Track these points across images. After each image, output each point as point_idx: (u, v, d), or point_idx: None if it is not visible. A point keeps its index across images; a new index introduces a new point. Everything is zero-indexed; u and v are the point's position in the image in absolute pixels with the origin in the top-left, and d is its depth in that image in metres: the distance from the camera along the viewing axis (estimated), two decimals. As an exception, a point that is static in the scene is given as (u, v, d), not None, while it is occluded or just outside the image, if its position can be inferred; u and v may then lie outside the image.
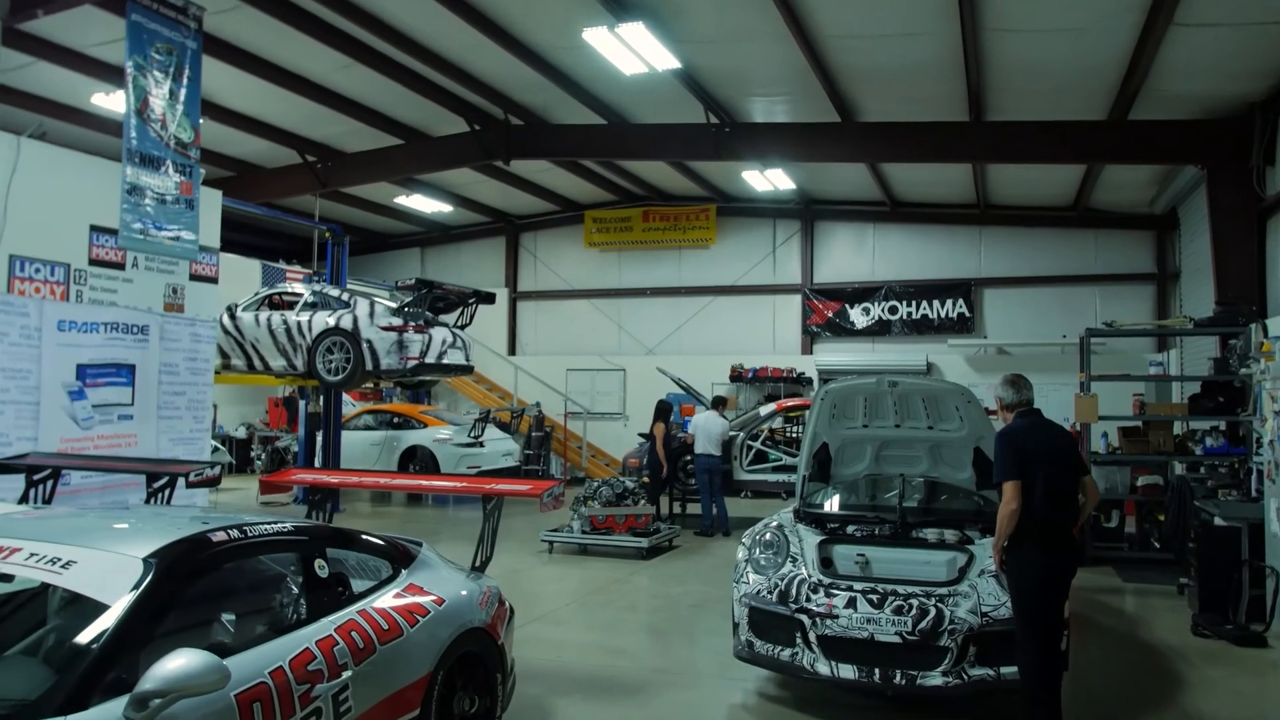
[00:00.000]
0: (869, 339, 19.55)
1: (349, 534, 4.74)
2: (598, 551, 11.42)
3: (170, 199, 8.66)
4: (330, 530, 4.59)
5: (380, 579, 4.60)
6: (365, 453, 16.49)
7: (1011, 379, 5.41)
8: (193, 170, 8.89)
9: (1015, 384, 5.39)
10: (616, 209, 21.08)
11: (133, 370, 10.44)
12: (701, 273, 20.81)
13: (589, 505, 11.53)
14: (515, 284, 22.51)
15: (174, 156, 8.63)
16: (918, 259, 19.32)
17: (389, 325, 12.21)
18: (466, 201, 20.27)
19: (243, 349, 12.94)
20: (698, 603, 8.89)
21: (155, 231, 8.52)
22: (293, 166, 16.36)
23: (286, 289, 13.31)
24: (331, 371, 12.33)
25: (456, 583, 5.05)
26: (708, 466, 12.92)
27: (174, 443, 11.18)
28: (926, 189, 18.03)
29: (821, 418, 6.69)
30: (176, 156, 8.66)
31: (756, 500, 17.14)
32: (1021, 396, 5.34)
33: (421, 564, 4.96)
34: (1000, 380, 5.46)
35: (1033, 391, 5.38)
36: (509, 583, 10.50)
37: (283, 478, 6.59)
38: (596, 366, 21.00)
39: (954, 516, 6.58)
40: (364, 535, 4.85)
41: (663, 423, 13.23)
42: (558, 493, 5.62)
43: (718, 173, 18.11)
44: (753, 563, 6.17)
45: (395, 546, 4.95)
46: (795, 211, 19.97)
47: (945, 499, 6.83)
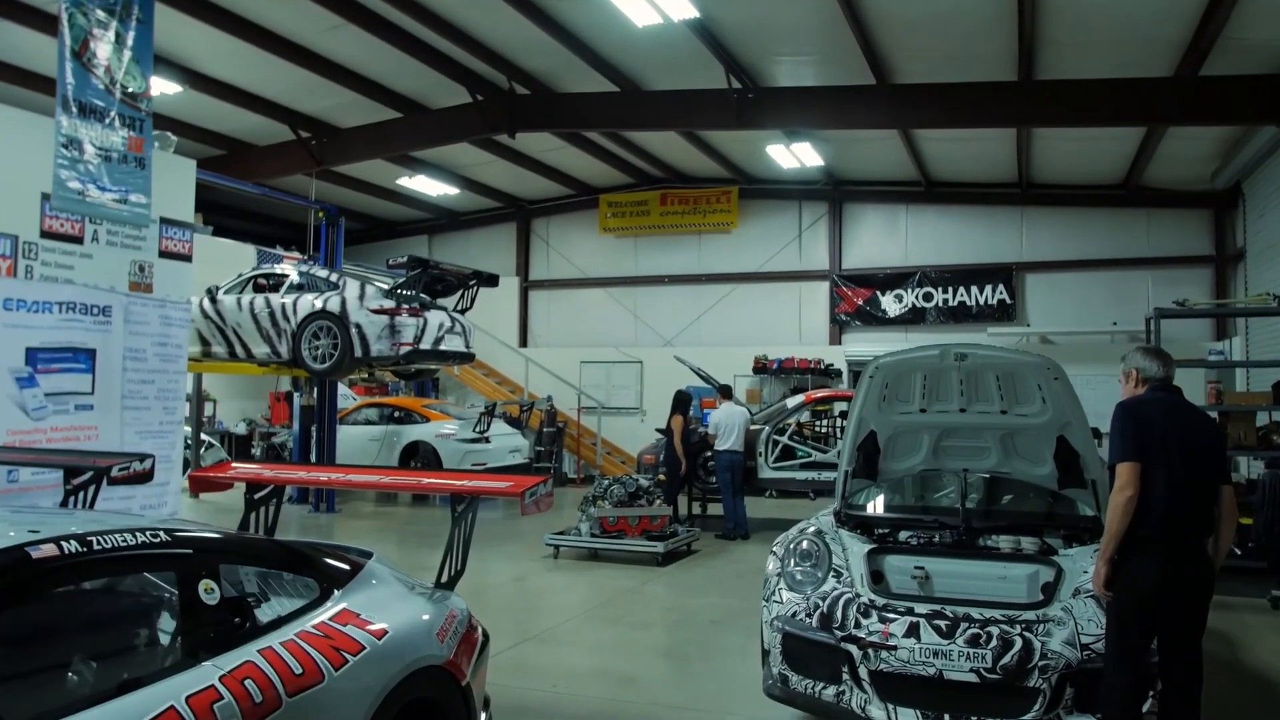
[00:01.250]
0: (901, 328, 18.33)
1: (256, 545, 3.65)
2: (608, 556, 10.30)
3: (116, 156, 7.61)
4: (227, 541, 3.49)
5: (302, 604, 3.50)
6: (364, 448, 15.45)
7: (1153, 349, 4.30)
8: (144, 125, 7.83)
9: (1159, 356, 4.26)
10: (632, 192, 19.95)
11: (92, 355, 9.40)
12: (722, 259, 19.65)
13: (599, 505, 10.41)
14: (527, 272, 21.43)
15: (120, 108, 7.57)
16: (954, 242, 18.07)
17: (380, 308, 11.14)
18: (474, 185, 19.20)
19: (224, 335, 11.92)
20: (719, 618, 7.75)
21: (98, 193, 7.48)
22: (285, 144, 15.34)
23: (272, 270, 12.27)
24: (318, 359, 11.28)
25: (409, 606, 3.95)
26: (730, 463, 11.78)
27: (141, 436, 10.13)
28: (964, 166, 16.79)
29: (869, 400, 5.51)
30: (124, 108, 7.60)
31: (781, 500, 16.02)
32: (1166, 371, 4.20)
33: (364, 582, 3.85)
34: (1135, 349, 4.32)
35: (1174, 369, 4.24)
36: (507, 593, 9.45)
37: (219, 471, 5.46)
38: (612, 359, 19.89)
39: (1031, 521, 5.42)
40: (283, 545, 3.75)
41: (681, 415, 12.09)
42: (543, 492, 4.50)
43: (740, 150, 16.94)
44: (787, 577, 5.04)
45: (327, 560, 3.85)
46: (822, 193, 18.77)
47: (1019, 499, 5.65)
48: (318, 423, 14.12)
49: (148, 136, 7.99)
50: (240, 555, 3.46)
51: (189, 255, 10.79)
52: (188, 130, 14.86)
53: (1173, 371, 4.29)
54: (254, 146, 15.71)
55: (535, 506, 4.50)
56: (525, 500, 4.37)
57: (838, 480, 5.91)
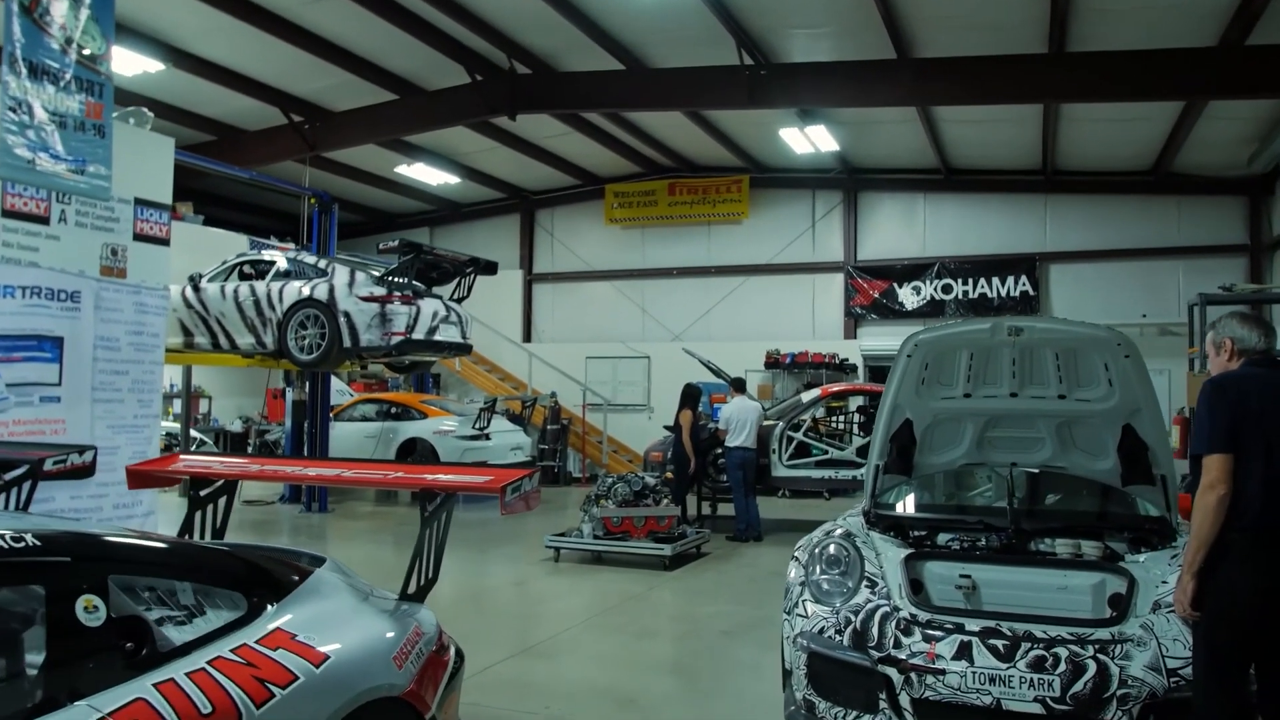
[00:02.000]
0: (919, 321, 17.55)
1: (163, 551, 2.99)
2: (612, 560, 9.63)
3: (72, 122, 6.97)
4: (120, 546, 2.83)
5: (224, 622, 2.85)
6: (359, 445, 14.84)
7: (1252, 316, 3.60)
8: (104, 90, 7.19)
9: (1259, 325, 3.56)
10: (639, 181, 19.28)
11: (60, 344, 8.82)
12: (733, 250, 18.97)
13: (602, 505, 9.75)
14: (530, 265, 20.77)
15: (77, 70, 6.94)
16: (975, 232, 17.36)
17: (370, 295, 10.49)
18: (476, 174, 18.55)
19: (207, 324, 11.29)
20: (730, 628, 7.08)
21: (50, 161, 6.84)
22: (277, 128, 14.72)
23: (258, 257, 11.64)
24: (304, 349, 10.65)
25: (362, 623, 3.29)
26: (742, 461, 11.10)
27: (114, 430, 9.49)
28: (986, 152, 16.07)
29: (905, 383, 4.81)
30: (81, 70, 6.97)
31: (795, 500, 15.33)
32: (1268, 343, 3.51)
33: (308, 595, 3.19)
34: (1229, 316, 3.62)
35: (1276, 341, 3.55)
36: (504, 599, 8.68)
37: (161, 465, 4.79)
38: (618, 354, 19.22)
39: (1090, 522, 4.74)
40: (204, 551, 3.10)
41: (690, 410, 11.42)
42: (528, 487, 3.82)
43: (752, 135, 16.25)
44: (812, 587, 4.36)
45: (261, 569, 3.19)
46: (837, 181, 18.06)
47: (1075, 497, 4.97)
48: (309, 418, 13.50)
49: (108, 103, 7.35)
50: (138, 564, 2.79)
51: (167, 239, 10.15)
52: (175, 114, 14.25)
53: (1275, 343, 3.60)
54: (244, 132, 15.09)
55: (520, 504, 3.83)
56: (506, 497, 3.69)
57: (867, 476, 5.22)
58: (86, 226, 9.24)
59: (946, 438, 5.04)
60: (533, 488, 3.92)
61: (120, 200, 9.67)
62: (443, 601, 8.28)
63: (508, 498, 3.72)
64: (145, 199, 9.79)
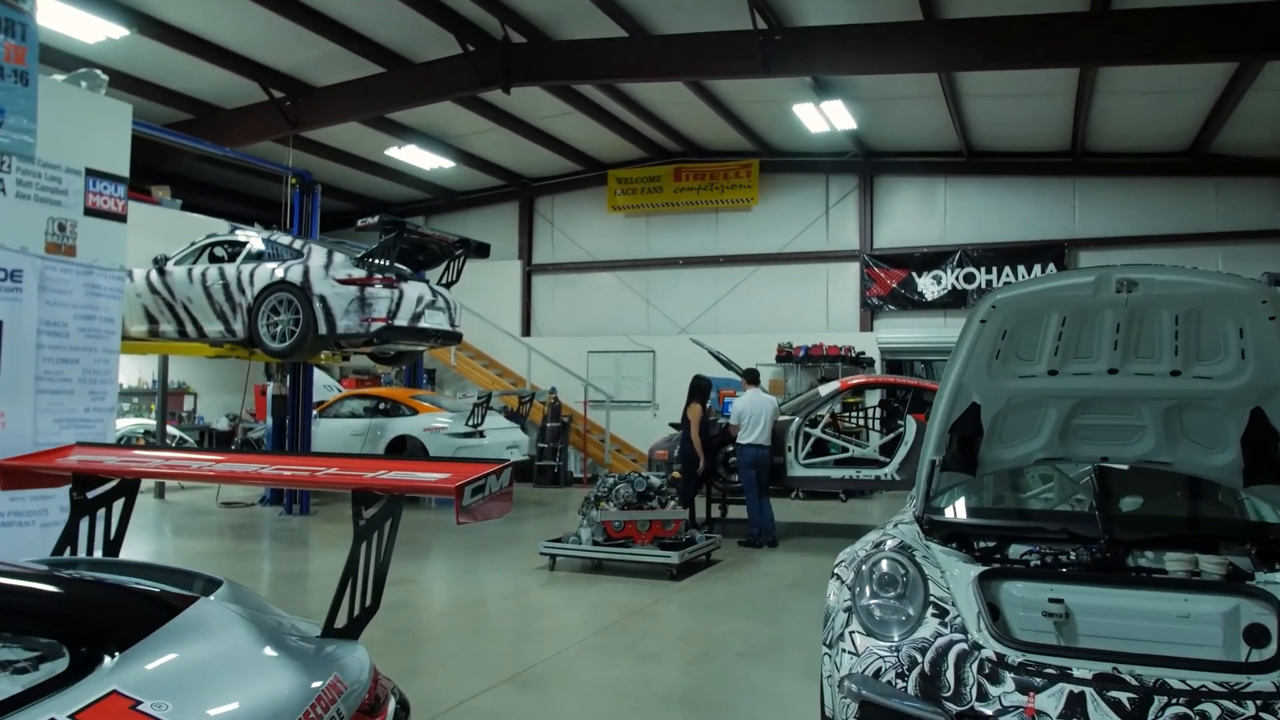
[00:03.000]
0: (940, 312, 16.66)
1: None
2: (613, 568, 8.70)
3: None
4: None
5: (21, 689, 1.91)
6: (346, 443, 13.94)
7: None
8: (26, 31, 6.26)
9: None
10: (644, 167, 18.35)
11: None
12: (743, 239, 18.02)
13: (602, 508, 8.81)
14: (530, 255, 19.85)
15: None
16: (999, 218, 16.40)
17: (348, 278, 9.58)
18: (472, 159, 17.65)
19: (172, 311, 10.40)
20: (747, 650, 6.14)
21: (-41, 111, 5.88)
22: (256, 105, 13.83)
23: (230, 237, 10.73)
24: (276, 336, 9.74)
25: (253, 678, 2.34)
26: (755, 459, 10.17)
27: (61, 425, 8.58)
28: (1013, 131, 15.12)
29: (977, 357, 3.83)
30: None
31: (809, 502, 14.42)
32: None
33: (171, 638, 2.25)
34: None
35: None
36: (490, 615, 7.34)
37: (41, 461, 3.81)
38: (622, 348, 18.28)
39: (1203, 532, 3.80)
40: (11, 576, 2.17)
41: (699, 404, 10.49)
42: (495, 488, 2.89)
43: (763, 115, 15.32)
44: (862, 614, 3.43)
45: (97, 604, 2.26)
46: (852, 165, 17.12)
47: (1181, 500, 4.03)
48: (290, 414, 12.59)
49: (32, 47, 6.39)
50: None
51: (123, 215, 9.20)
52: (147, 89, 13.38)
53: None
54: (222, 110, 14.20)
55: (485, 510, 2.90)
56: (465, 499, 2.76)
57: (920, 473, 4.29)
58: (29, 198, 8.30)
59: (1022, 426, 4.09)
60: (501, 488, 2.99)
61: (69, 170, 8.79)
62: (419, 617, 7.37)
63: (466, 500, 2.79)
64: (98, 170, 8.89)
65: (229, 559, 9.50)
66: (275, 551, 10.26)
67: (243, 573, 8.55)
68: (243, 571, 8.71)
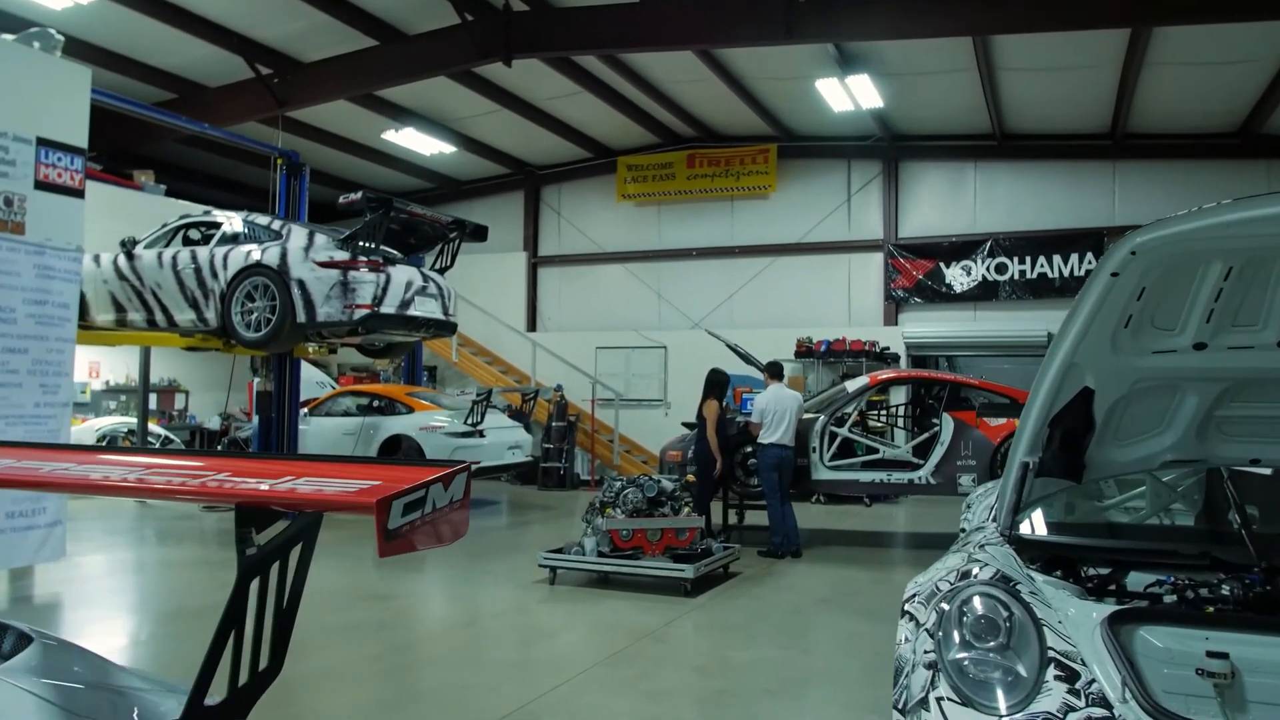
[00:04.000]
0: (969, 305, 15.70)
1: None
2: (621, 582, 7.80)
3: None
4: None
5: None
6: (337, 443, 13.08)
7: None
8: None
9: None
10: (655, 153, 17.45)
11: (-69, 312, 7.25)
12: (759, 228, 17.09)
13: (609, 515, 7.90)
14: (536, 247, 18.96)
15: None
16: (1033, 204, 15.42)
17: (329, 260, 8.70)
18: (474, 144, 16.78)
19: (141, 298, 9.54)
20: (776, 686, 5.22)
21: None
22: (243, 83, 12.98)
23: (204, 218, 9.87)
24: (251, 325, 8.87)
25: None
26: (778, 460, 9.26)
27: (8, 422, 7.80)
28: (1049, 111, 14.15)
29: (1099, 325, 2.86)
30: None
31: (831, 507, 13.49)
32: None
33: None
34: None
35: None
36: (477, 638, 6.36)
37: None
38: (632, 343, 17.38)
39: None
40: None
41: (716, 400, 9.57)
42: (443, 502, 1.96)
43: (782, 94, 14.39)
44: (951, 671, 2.52)
45: None
46: (876, 150, 16.17)
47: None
48: (276, 411, 11.72)
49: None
50: None
51: (80, 189, 8.38)
52: (129, 66, 12.60)
53: None
54: (206, 88, 13.37)
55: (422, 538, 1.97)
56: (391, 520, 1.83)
57: (1008, 477, 3.36)
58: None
59: (1148, 418, 3.16)
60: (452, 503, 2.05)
61: (17, 139, 7.95)
62: (397, 642, 6.37)
63: (395, 521, 1.86)
64: (51, 139, 8.06)
65: (187, 569, 8.63)
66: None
67: (194, 585, 7.68)
68: (194, 584, 7.84)
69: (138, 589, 8.09)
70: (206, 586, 7.76)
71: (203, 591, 7.57)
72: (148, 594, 7.88)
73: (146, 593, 7.95)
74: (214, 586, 7.87)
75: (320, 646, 5.75)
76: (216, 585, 7.92)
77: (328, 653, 5.64)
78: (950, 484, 9.51)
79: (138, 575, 8.61)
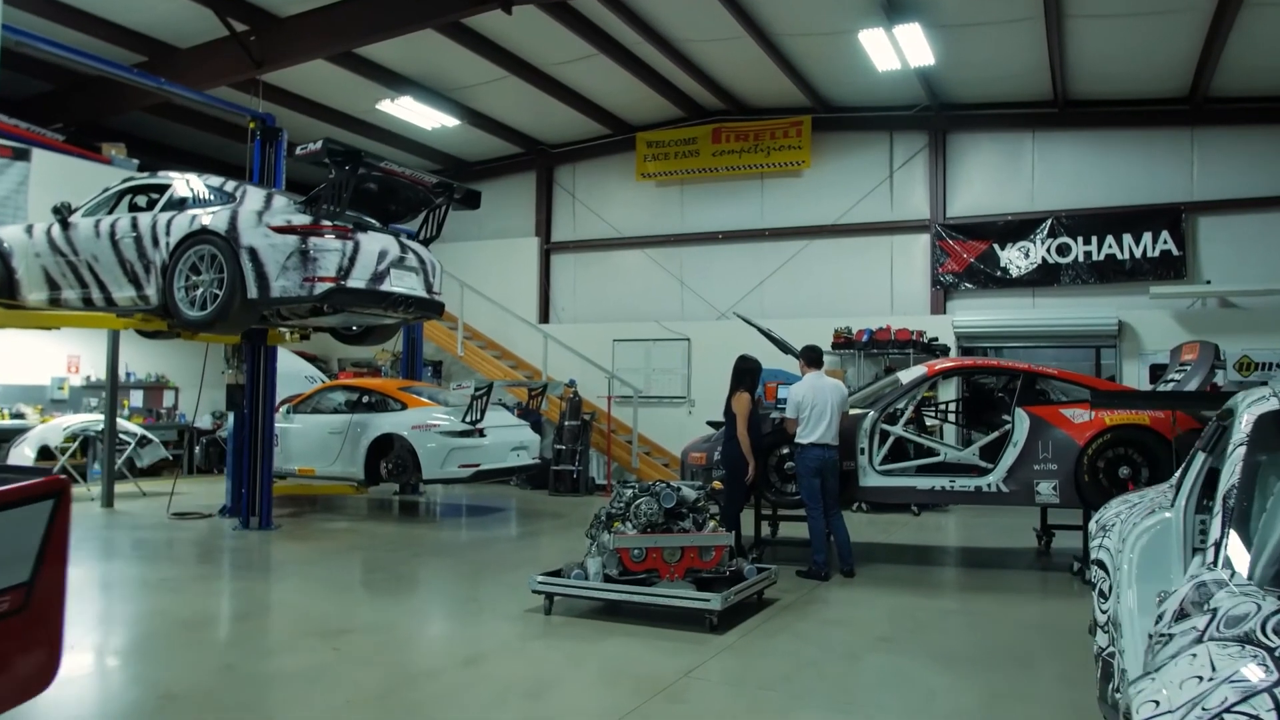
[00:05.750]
0: (1027, 290, 14.11)
1: None
2: (631, 613, 6.35)
3: None
4: None
5: None
6: (323, 443, 11.75)
7: None
8: None
9: None
10: (678, 128, 15.99)
11: None
12: (791, 209, 15.59)
13: (618, 530, 6.46)
14: (549, 232, 17.55)
15: None
16: (1098, 178, 13.81)
17: (286, 225, 7.32)
18: (481, 119, 15.41)
19: (77, 273, 8.21)
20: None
21: None
22: (216, 42, 11.68)
23: (149, 180, 8.53)
24: (195, 302, 7.50)
25: None
26: (821, 463, 7.78)
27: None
28: (1121, 69, 12.54)
29: None
30: None
31: (874, 515, 11.98)
32: None
33: None
34: None
35: None
36: (442, 693, 4.54)
37: None
38: (652, 335, 15.93)
39: None
40: None
41: (746, 392, 8.10)
42: None
43: (820, 54, 12.89)
44: None
45: None
46: (921, 120, 14.62)
47: None
48: (249, 407, 10.39)
49: None
50: None
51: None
52: (94, 24, 11.34)
53: None
54: (177, 49, 12.06)
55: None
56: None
57: (1248, 500, 1.87)
58: None
59: None
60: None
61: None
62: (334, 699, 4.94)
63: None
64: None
65: (146, 591, 7.26)
66: (203, 579, 8.00)
67: (137, 611, 6.28)
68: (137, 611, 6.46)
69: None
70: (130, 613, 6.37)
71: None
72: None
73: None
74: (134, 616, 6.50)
75: (228, 710, 4.36)
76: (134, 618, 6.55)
77: (232, 716, 4.23)
78: (1026, 492, 7.98)
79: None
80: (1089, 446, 7.82)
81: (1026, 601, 7.31)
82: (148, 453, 13.95)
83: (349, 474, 11.58)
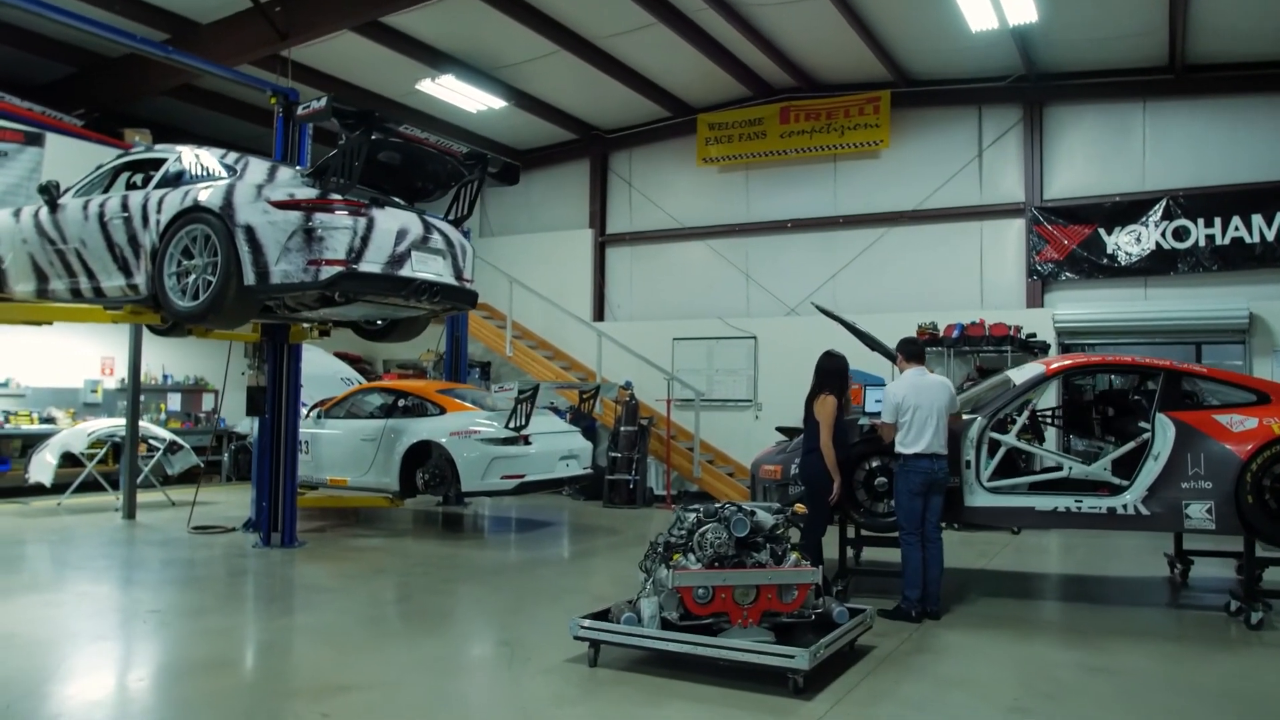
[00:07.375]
0: (1138, 280, 12.56)
1: None
2: (694, 666, 5.10)
3: None
4: None
5: None
6: (355, 451, 10.75)
7: None
8: None
9: None
10: (743, 108, 14.75)
11: None
12: (869, 194, 14.23)
13: (678, 563, 5.24)
14: (603, 224, 16.41)
15: None
16: (1222, 152, 12.22)
17: (288, 199, 6.24)
18: (529, 100, 14.35)
19: (65, 261, 7.25)
20: None
21: None
22: (240, 15, 10.77)
23: (146, 155, 7.56)
24: (185, 291, 6.47)
25: None
26: (927, 480, 6.48)
27: None
28: (1250, 25, 11.03)
29: None
30: None
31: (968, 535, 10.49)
32: None
33: None
34: None
35: None
36: None
37: None
38: (715, 333, 14.69)
39: None
40: None
41: (833, 395, 6.81)
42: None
43: (904, 14, 11.55)
44: None
45: None
46: (1014, 92, 13.17)
47: None
48: (271, 410, 9.41)
49: None
50: None
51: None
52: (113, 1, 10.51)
53: None
54: (200, 24, 11.20)
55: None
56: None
57: None
58: None
59: None
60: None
61: None
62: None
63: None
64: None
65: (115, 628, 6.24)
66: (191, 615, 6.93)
67: (88, 659, 5.18)
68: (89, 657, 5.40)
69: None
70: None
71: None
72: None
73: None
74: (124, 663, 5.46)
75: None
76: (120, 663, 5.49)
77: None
78: (1172, 516, 6.56)
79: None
80: (1253, 460, 6.37)
81: (1184, 654, 5.89)
82: (178, 459, 13.14)
83: (383, 485, 10.55)
